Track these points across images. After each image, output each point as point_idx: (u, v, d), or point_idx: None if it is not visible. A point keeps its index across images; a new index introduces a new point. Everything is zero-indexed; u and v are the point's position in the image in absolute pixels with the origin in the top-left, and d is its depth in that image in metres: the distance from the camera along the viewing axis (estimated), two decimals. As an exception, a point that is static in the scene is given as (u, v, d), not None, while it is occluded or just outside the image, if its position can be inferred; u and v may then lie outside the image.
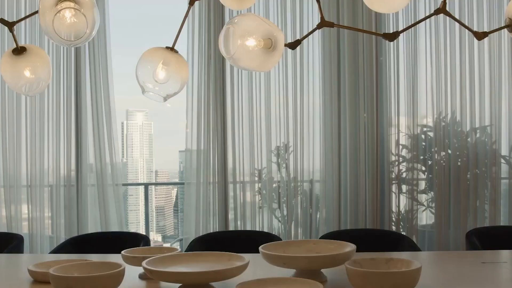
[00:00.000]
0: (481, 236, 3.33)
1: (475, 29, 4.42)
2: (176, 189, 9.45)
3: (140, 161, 9.62)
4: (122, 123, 9.61)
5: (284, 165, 4.89)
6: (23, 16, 4.87)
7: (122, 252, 2.36)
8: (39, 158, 4.99)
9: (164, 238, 9.02)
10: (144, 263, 2.06)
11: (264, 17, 2.09)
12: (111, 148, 5.02)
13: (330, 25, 2.21)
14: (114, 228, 5.03)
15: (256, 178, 4.92)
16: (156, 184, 9.08)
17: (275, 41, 2.05)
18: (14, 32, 2.33)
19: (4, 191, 5.00)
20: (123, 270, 2.02)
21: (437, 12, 2.12)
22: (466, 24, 4.48)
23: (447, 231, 4.70)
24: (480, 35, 2.17)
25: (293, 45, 2.24)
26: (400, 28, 4.62)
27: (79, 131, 5.00)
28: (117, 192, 5.05)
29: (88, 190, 5.03)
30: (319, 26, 2.23)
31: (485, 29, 4.46)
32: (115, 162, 5.06)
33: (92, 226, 5.04)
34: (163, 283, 2.24)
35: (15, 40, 2.35)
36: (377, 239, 3.38)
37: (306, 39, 3.68)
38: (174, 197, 9.40)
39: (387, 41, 4.66)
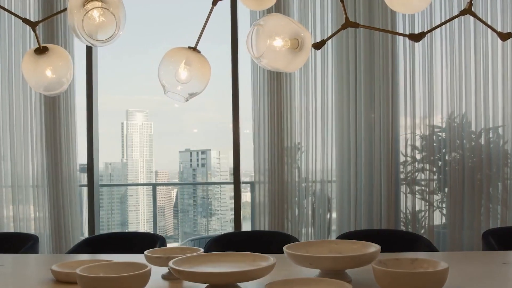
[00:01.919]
0: (496, 236, 3.33)
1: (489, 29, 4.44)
2: (176, 189, 9.46)
3: (140, 161, 9.63)
4: (122, 123, 9.62)
5: (296, 165, 4.88)
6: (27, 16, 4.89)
7: (145, 252, 2.36)
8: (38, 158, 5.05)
9: (165, 238, 9.04)
10: (171, 263, 2.05)
11: (290, 17, 2.09)
12: (69, 149, 5.04)
13: (355, 25, 2.21)
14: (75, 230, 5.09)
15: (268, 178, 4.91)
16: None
17: (302, 42, 2.06)
18: (37, 32, 2.33)
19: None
20: (150, 271, 2.01)
21: (463, 12, 2.12)
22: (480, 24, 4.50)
23: (461, 232, 4.69)
24: (505, 36, 2.17)
25: (318, 46, 2.24)
26: (416, 28, 4.64)
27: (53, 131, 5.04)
28: (74, 193, 5.09)
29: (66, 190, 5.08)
30: (344, 27, 2.22)
31: (500, 30, 4.46)
32: (74, 163, 5.09)
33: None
34: (186, 284, 2.24)
35: (37, 40, 2.34)
36: (392, 239, 3.37)
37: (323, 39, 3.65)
38: (174, 198, 9.41)
39: (402, 42, 4.68)
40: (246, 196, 9.72)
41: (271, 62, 2.06)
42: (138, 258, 2.39)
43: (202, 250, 2.39)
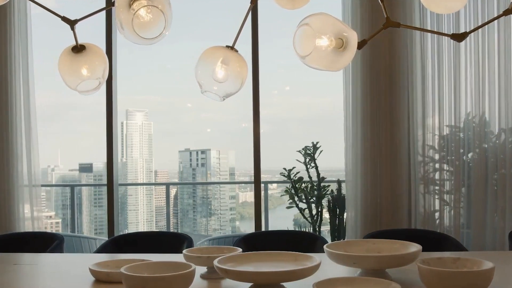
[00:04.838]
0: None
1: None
2: (176, 189, 9.44)
3: (140, 161, 9.62)
4: (122, 123, 9.60)
5: (313, 165, 4.88)
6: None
7: (184, 251, 2.35)
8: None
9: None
10: (216, 262, 2.05)
11: (336, 17, 2.08)
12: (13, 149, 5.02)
13: (397, 25, 2.22)
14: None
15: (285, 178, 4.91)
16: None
17: (346, 41, 2.06)
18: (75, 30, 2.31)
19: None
20: (194, 270, 2.01)
21: (506, 13, 2.13)
22: (504, 25, 4.51)
23: (482, 232, 4.67)
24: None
25: (359, 45, 2.23)
26: (441, 27, 4.64)
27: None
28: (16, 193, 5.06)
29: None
30: (385, 26, 2.23)
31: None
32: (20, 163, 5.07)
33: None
34: (224, 283, 2.23)
35: (75, 38, 2.32)
36: (419, 239, 3.35)
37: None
38: (174, 198, 9.39)
39: (430, 42, 4.66)
40: (246, 196, 9.69)
41: (316, 62, 2.06)
42: (172, 258, 2.39)
43: (240, 249, 2.38)
